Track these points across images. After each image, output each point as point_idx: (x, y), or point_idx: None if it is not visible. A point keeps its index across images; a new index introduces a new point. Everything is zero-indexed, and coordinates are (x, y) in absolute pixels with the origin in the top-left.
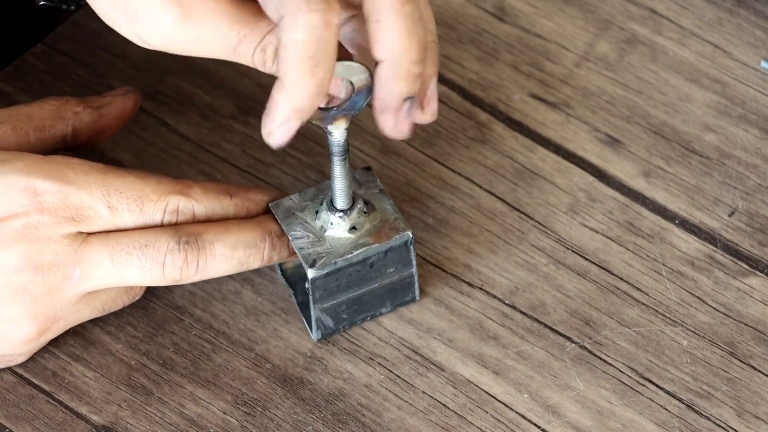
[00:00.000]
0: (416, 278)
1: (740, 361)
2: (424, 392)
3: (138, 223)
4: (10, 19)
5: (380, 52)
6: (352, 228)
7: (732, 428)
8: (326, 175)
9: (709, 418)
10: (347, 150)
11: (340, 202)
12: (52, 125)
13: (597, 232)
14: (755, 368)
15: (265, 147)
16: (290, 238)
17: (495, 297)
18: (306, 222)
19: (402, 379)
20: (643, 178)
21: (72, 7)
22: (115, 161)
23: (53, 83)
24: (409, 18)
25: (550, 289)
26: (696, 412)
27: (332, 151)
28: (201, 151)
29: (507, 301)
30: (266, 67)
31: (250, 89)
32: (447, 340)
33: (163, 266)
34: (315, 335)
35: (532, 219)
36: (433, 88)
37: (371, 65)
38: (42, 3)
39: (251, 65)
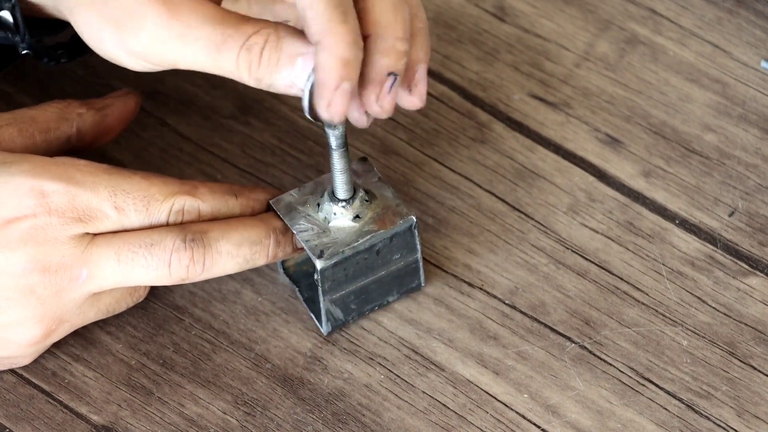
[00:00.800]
0: (421, 264)
1: (740, 361)
2: (424, 392)
3: (144, 224)
4: None
5: (366, 28)
6: (356, 217)
7: (732, 428)
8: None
9: (709, 418)
10: (346, 143)
11: (342, 192)
12: (57, 127)
13: (597, 232)
14: (755, 368)
15: (265, 147)
16: (295, 231)
17: (495, 297)
18: (309, 215)
19: (402, 379)
20: (643, 178)
21: (52, 64)
22: (115, 161)
23: (53, 83)
24: None
25: (550, 289)
26: (696, 412)
27: (332, 145)
28: (201, 151)
29: (507, 301)
30: (251, 71)
31: (250, 89)
32: (447, 340)
33: (169, 265)
34: (325, 328)
35: (532, 219)
36: (422, 73)
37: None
38: (25, 52)
39: (235, 71)
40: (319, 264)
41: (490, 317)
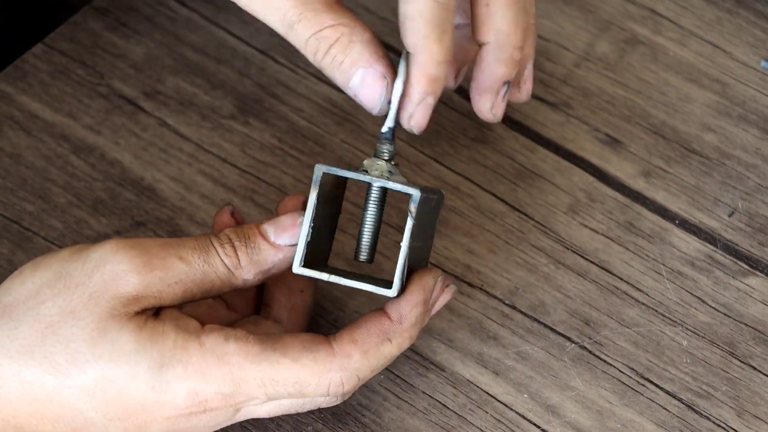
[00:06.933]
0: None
1: (740, 361)
2: (424, 392)
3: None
4: (10, 18)
5: (486, 35)
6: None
7: (732, 428)
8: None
9: (709, 418)
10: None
11: (363, 253)
12: (219, 290)
13: (597, 232)
14: (755, 368)
15: (265, 147)
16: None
17: (495, 297)
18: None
19: (402, 379)
20: (643, 178)
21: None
22: (115, 161)
23: (53, 83)
24: (516, 4)
25: (550, 289)
26: (696, 412)
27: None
28: (201, 151)
29: (507, 301)
30: (316, 58)
31: (250, 89)
32: (447, 340)
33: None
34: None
35: (532, 219)
36: (529, 70)
37: (472, 47)
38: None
39: (302, 51)
40: (416, 193)
41: (490, 317)
